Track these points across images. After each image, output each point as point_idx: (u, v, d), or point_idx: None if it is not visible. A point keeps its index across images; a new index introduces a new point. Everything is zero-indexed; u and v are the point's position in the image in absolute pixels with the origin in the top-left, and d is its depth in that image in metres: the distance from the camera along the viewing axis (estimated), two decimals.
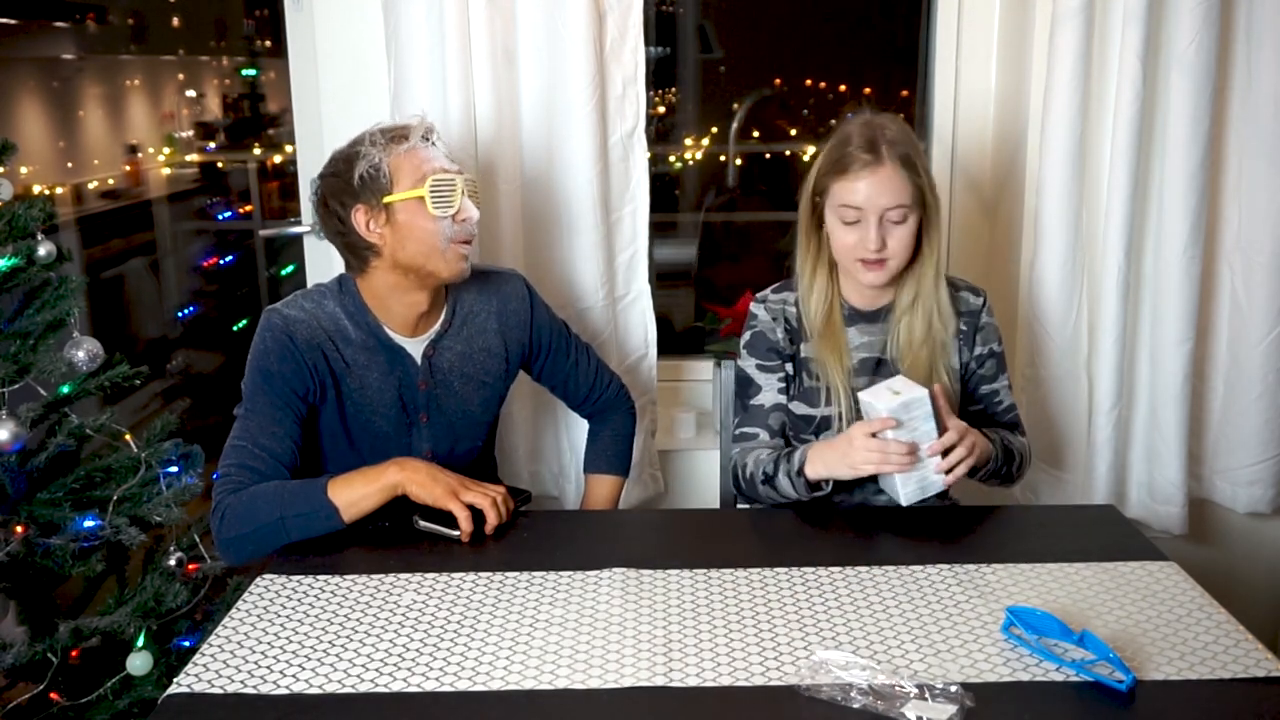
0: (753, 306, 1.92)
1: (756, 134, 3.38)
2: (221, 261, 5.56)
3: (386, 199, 1.73)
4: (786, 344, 1.88)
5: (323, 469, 1.83)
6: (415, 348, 1.84)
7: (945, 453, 1.64)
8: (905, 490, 1.67)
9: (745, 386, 1.91)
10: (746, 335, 1.91)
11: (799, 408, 1.89)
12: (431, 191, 1.73)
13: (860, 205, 1.74)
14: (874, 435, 1.64)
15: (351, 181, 1.74)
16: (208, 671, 1.30)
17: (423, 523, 1.67)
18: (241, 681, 1.28)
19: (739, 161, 3.42)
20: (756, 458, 1.83)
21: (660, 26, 2.93)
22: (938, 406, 1.66)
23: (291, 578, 1.54)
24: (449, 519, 1.65)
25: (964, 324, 1.88)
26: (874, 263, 1.77)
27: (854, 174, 1.74)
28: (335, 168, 1.78)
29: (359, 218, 1.74)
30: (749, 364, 1.90)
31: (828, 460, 1.70)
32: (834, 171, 1.77)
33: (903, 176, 1.73)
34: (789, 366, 1.89)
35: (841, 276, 1.88)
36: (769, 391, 1.88)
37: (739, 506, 2.00)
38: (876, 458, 1.63)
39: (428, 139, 1.76)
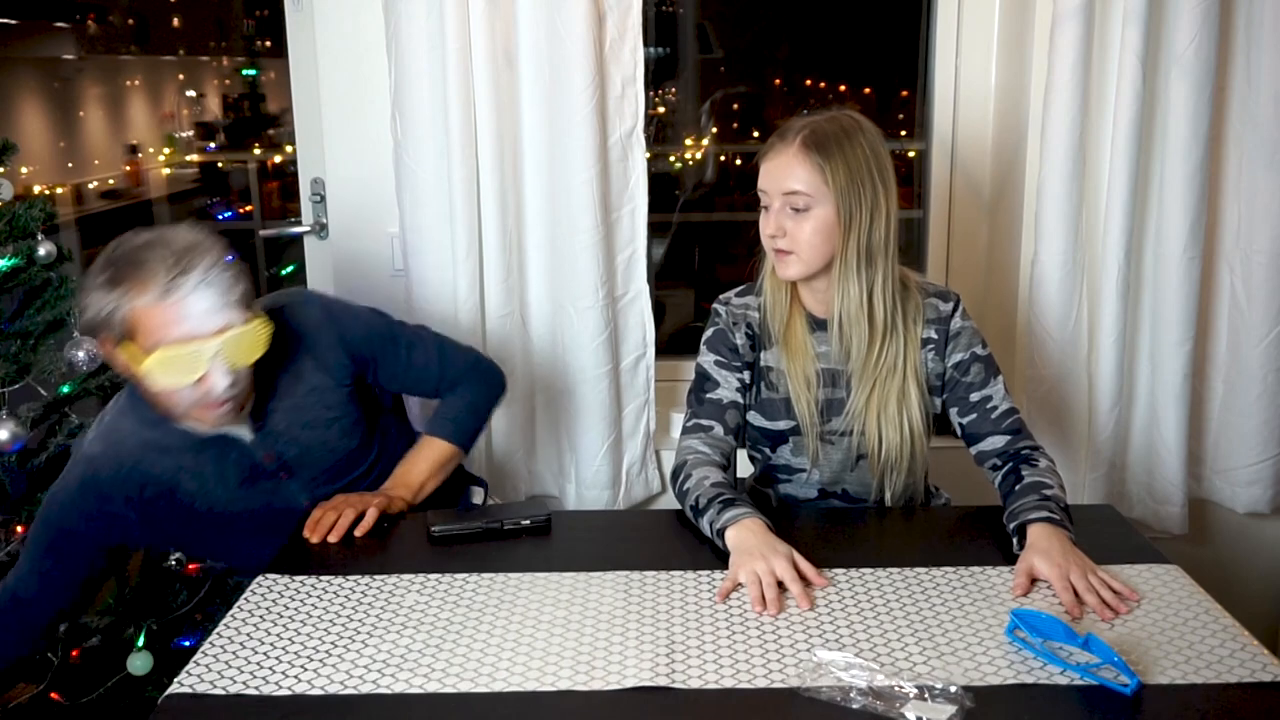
0: (715, 306, 1.87)
1: (756, 134, 3.38)
2: None
3: (120, 345, 1.55)
4: (747, 350, 1.83)
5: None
6: (239, 429, 1.70)
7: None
8: None
9: (702, 381, 1.83)
10: (708, 332, 1.86)
11: (755, 419, 1.85)
12: (156, 367, 1.52)
13: (765, 188, 1.72)
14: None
15: (86, 316, 1.56)
16: (209, 672, 1.30)
17: (437, 529, 1.67)
18: (243, 682, 1.27)
19: (738, 161, 3.42)
20: (700, 479, 1.69)
21: (660, 26, 2.92)
22: None
23: (294, 578, 1.53)
24: (462, 522, 1.68)
25: (934, 332, 1.79)
26: (782, 252, 1.72)
27: (766, 157, 1.73)
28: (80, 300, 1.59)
29: (106, 346, 1.59)
30: (707, 360, 1.84)
31: (742, 543, 1.54)
32: (758, 159, 1.75)
33: (807, 163, 1.67)
34: (747, 375, 1.83)
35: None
36: (726, 388, 1.81)
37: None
38: (755, 592, 1.45)
39: (171, 293, 1.50)
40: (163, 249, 1.52)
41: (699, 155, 3.32)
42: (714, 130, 3.28)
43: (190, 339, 1.51)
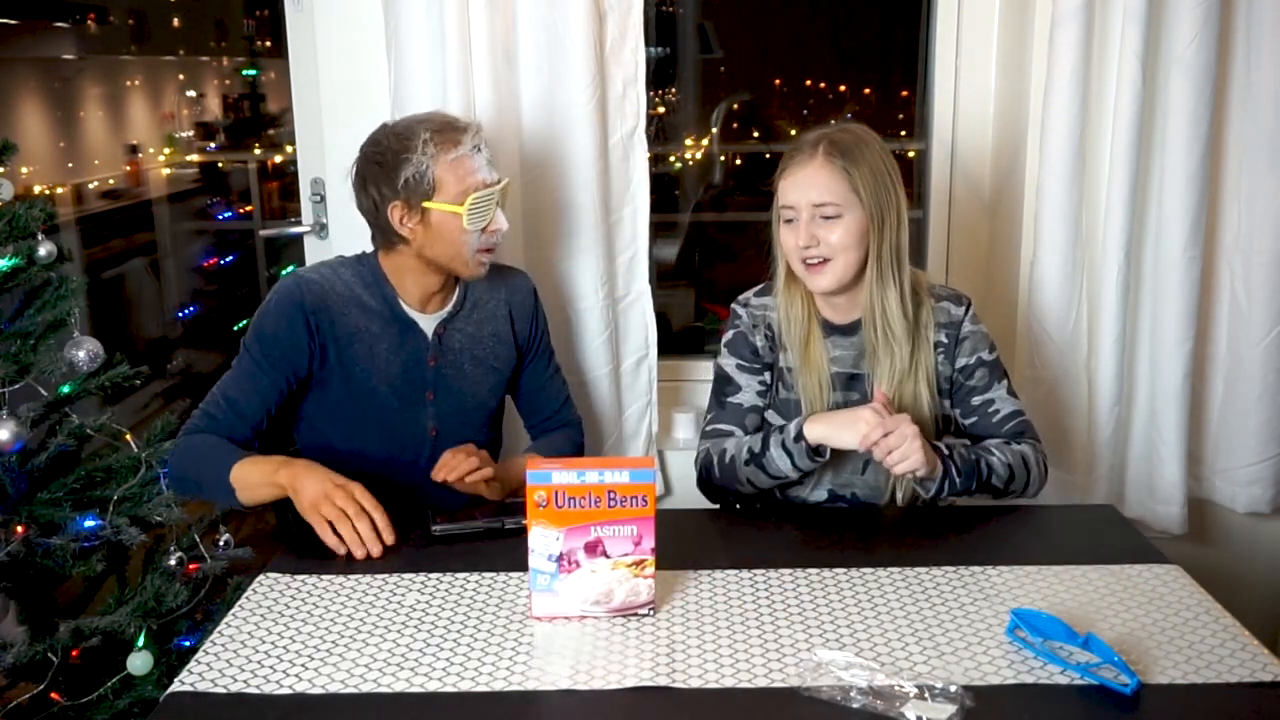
0: (735, 307, 1.89)
1: (756, 134, 3.38)
2: (221, 261, 5.56)
3: (426, 203, 1.78)
4: (767, 350, 1.85)
5: (328, 448, 1.86)
6: (427, 324, 1.89)
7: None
8: None
9: (723, 384, 1.87)
10: (729, 334, 1.88)
11: (774, 418, 1.86)
12: (470, 209, 1.77)
13: (792, 202, 1.73)
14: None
15: (395, 179, 1.77)
16: (210, 670, 1.30)
17: (437, 528, 1.67)
18: (245, 681, 1.28)
19: (737, 161, 3.42)
20: (738, 442, 1.80)
21: (660, 26, 2.92)
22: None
23: (295, 577, 1.54)
24: (462, 521, 1.68)
25: (945, 335, 1.82)
26: (814, 264, 1.74)
27: (788, 171, 1.74)
28: (382, 156, 1.79)
29: (395, 213, 1.79)
30: (729, 363, 1.86)
31: (832, 422, 1.69)
32: (778, 175, 1.77)
33: (835, 173, 1.71)
34: (768, 376, 1.86)
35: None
36: (748, 392, 1.85)
37: (716, 505, 1.94)
38: (878, 434, 1.62)
39: (478, 148, 1.79)
40: (441, 117, 1.81)
41: (699, 155, 3.32)
42: (713, 131, 3.29)
43: (486, 185, 1.79)
